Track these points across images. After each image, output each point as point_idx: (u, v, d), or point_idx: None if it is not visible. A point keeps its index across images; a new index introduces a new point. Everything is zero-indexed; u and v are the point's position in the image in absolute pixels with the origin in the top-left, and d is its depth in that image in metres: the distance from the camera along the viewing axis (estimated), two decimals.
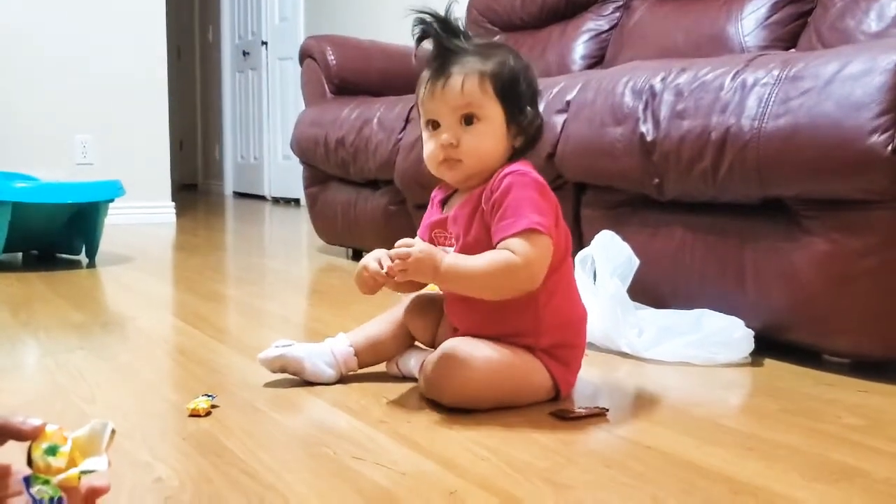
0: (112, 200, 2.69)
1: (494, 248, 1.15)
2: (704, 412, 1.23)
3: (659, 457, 1.03)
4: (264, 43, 6.16)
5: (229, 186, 6.85)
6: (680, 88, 1.61)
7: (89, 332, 1.73)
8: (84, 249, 2.74)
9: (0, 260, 2.54)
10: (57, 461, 0.68)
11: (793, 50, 2.05)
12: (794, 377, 1.42)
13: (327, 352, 1.33)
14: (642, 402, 1.32)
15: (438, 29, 1.19)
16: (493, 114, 1.18)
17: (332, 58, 2.91)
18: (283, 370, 1.32)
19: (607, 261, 1.55)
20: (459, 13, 1.26)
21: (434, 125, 1.21)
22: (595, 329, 1.55)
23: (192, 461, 1.00)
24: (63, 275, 2.51)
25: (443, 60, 1.19)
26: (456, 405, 1.16)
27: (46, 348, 1.60)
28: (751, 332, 1.48)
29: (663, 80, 1.65)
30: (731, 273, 1.56)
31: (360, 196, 2.80)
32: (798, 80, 1.41)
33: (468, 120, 1.18)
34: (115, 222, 3.03)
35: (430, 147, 1.21)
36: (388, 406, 1.22)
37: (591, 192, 1.88)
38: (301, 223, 4.41)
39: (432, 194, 1.32)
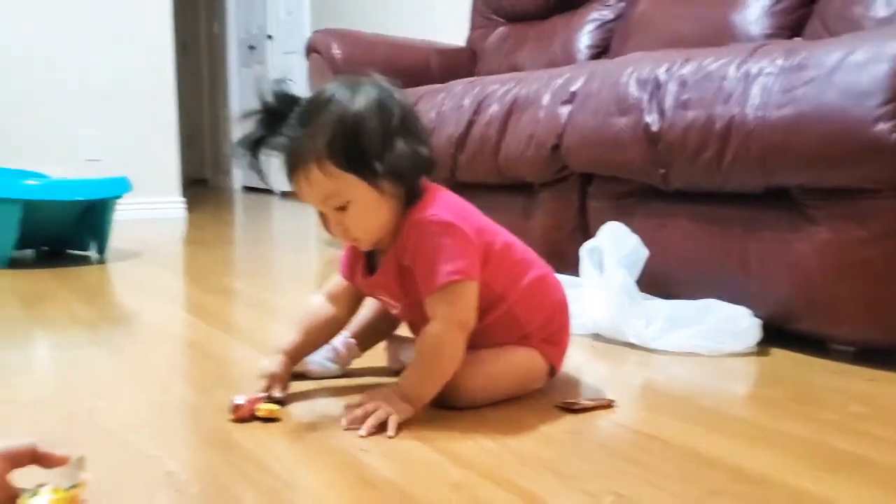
0: (120, 197, 2.70)
1: None
2: (711, 402, 1.23)
3: (665, 447, 1.04)
4: (270, 37, 6.16)
5: (238, 181, 6.87)
6: (684, 78, 1.61)
7: (99, 328, 1.75)
8: (94, 245, 2.75)
9: (12, 257, 2.56)
10: (43, 497, 0.72)
11: (798, 38, 2.04)
12: (800, 366, 1.42)
13: (329, 349, 1.33)
14: (649, 393, 1.33)
15: (265, 123, 1.12)
16: (355, 190, 1.09)
17: (338, 51, 2.91)
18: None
19: (614, 251, 1.55)
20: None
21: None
22: (602, 320, 1.55)
23: (202, 455, 1.01)
24: (73, 271, 2.53)
25: (284, 156, 1.12)
26: (458, 407, 1.16)
27: (57, 343, 1.62)
28: (758, 322, 1.49)
29: (668, 70, 1.65)
30: (736, 263, 1.56)
31: None
32: (802, 69, 1.41)
33: (340, 207, 1.11)
34: (125, 218, 3.05)
35: (329, 229, 1.17)
36: None
37: (597, 183, 1.89)
38: (309, 217, 4.42)
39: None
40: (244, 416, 1.11)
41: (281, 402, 1.17)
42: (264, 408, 1.12)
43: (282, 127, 1.11)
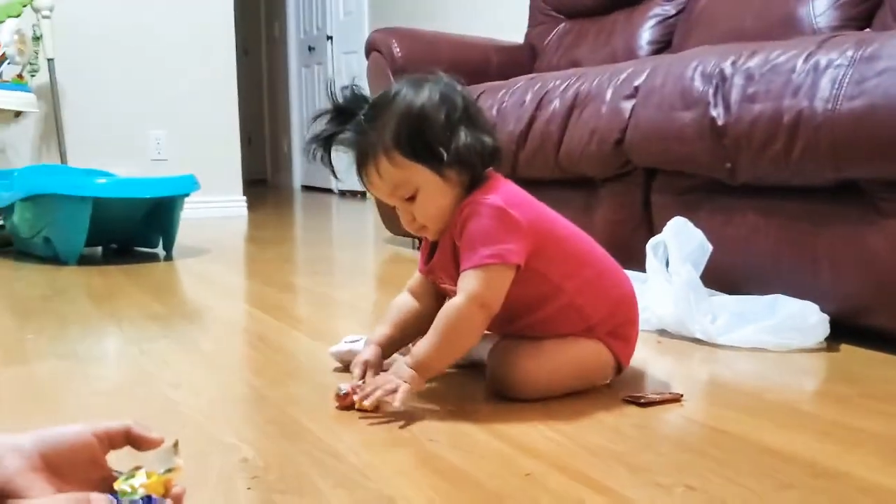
0: (188, 194, 2.77)
1: None
2: (780, 397, 1.22)
3: (735, 441, 1.03)
4: (329, 38, 6.24)
5: (297, 180, 6.97)
6: (751, 72, 1.59)
7: (170, 322, 1.80)
8: (161, 243, 2.82)
9: (82, 254, 2.64)
10: (138, 479, 0.73)
11: (868, 30, 2.00)
12: (872, 362, 1.40)
13: None
14: (717, 388, 1.32)
15: (336, 121, 1.17)
16: (422, 179, 1.14)
17: (398, 50, 2.94)
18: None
19: (679, 247, 1.54)
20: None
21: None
22: (668, 315, 1.54)
23: (276, 443, 1.04)
24: (142, 267, 2.60)
25: (354, 151, 1.17)
26: (523, 399, 1.17)
27: (130, 337, 1.67)
28: (826, 317, 1.46)
29: (733, 63, 1.64)
30: (805, 257, 1.54)
31: None
32: (874, 60, 1.38)
33: (409, 197, 1.17)
34: (189, 216, 3.12)
35: (401, 220, 1.21)
36: (460, 392, 1.24)
37: (662, 178, 1.87)
38: (367, 215, 4.47)
39: None
40: (349, 403, 1.14)
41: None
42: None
43: (351, 124, 1.16)
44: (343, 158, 1.20)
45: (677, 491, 0.87)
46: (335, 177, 1.22)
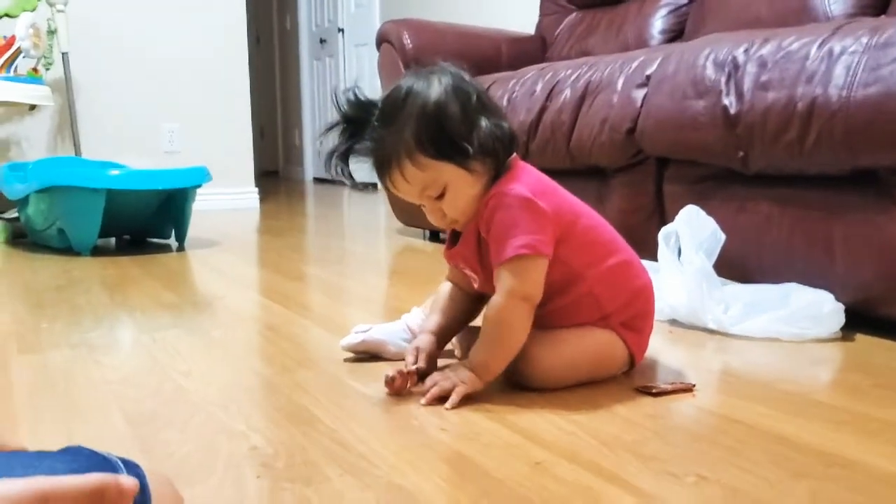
0: (200, 186, 2.77)
1: None
2: (794, 387, 1.21)
3: (748, 430, 1.02)
4: (341, 30, 6.24)
5: (309, 172, 6.98)
6: (764, 59, 1.57)
7: (182, 311, 1.80)
8: (174, 234, 2.83)
9: (95, 245, 2.65)
10: None
11: (883, 16, 1.97)
12: (888, 352, 1.38)
13: (404, 328, 1.35)
14: (730, 378, 1.31)
15: (349, 133, 1.14)
16: (448, 175, 1.12)
17: (409, 41, 2.93)
18: (365, 352, 1.34)
19: (692, 236, 1.53)
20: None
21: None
22: (680, 305, 1.53)
23: (286, 431, 1.04)
24: (154, 258, 2.61)
25: (374, 159, 1.15)
26: (536, 388, 1.16)
27: (143, 326, 1.67)
28: (841, 307, 1.45)
29: (746, 51, 1.62)
30: (819, 247, 1.52)
31: None
32: (889, 46, 1.37)
33: (437, 196, 1.15)
34: (201, 208, 3.13)
35: (428, 218, 1.20)
36: None
37: (674, 167, 1.86)
38: (379, 206, 4.47)
39: None
40: (399, 388, 1.15)
41: (423, 375, 1.19)
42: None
43: (366, 132, 1.14)
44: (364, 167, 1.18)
45: (689, 480, 0.87)
46: (355, 185, 1.21)
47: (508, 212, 1.12)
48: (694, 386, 1.18)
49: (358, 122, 1.14)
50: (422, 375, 1.19)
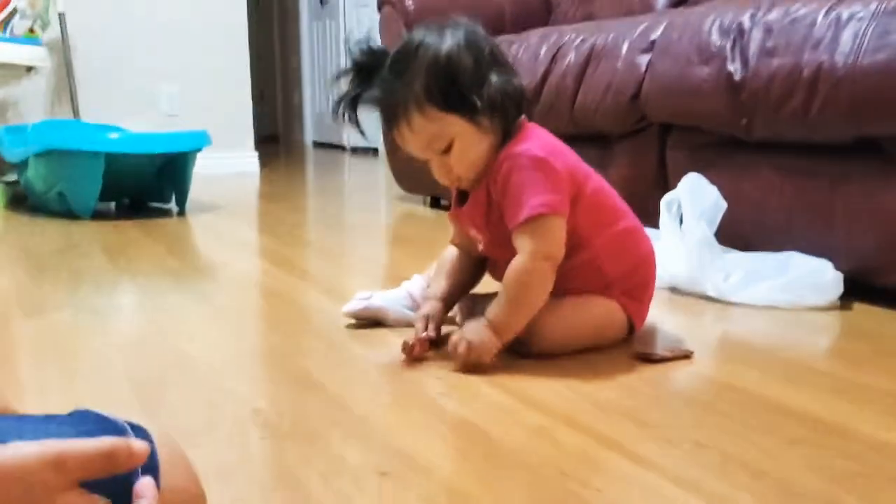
0: (200, 150, 2.76)
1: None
2: (792, 355, 1.22)
3: (745, 397, 1.03)
4: None
5: (309, 136, 6.95)
6: (769, 25, 1.56)
7: (184, 276, 1.80)
8: (174, 198, 2.83)
9: (95, 209, 2.65)
10: None
11: None
12: (886, 321, 1.39)
13: (405, 296, 1.35)
14: (728, 345, 1.32)
15: (359, 79, 1.14)
16: (457, 129, 1.12)
17: (411, 2, 2.90)
18: (367, 319, 1.35)
19: (694, 204, 1.53)
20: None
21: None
22: (681, 273, 1.54)
23: (289, 395, 1.05)
24: (155, 223, 2.61)
25: (381, 108, 1.15)
26: (536, 355, 1.17)
27: (145, 291, 1.68)
28: (840, 275, 1.45)
29: (752, 16, 1.60)
30: (820, 215, 1.52)
31: None
32: None
33: (444, 150, 1.14)
34: (201, 172, 3.11)
35: (434, 174, 1.20)
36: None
37: (677, 134, 1.85)
38: (379, 172, 4.45)
39: None
40: (417, 355, 1.16)
41: (435, 342, 1.20)
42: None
43: (376, 81, 1.13)
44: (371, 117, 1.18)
45: (686, 446, 0.88)
46: (363, 136, 1.20)
47: (523, 173, 1.12)
48: (692, 353, 1.19)
49: (369, 69, 1.14)
50: (431, 343, 1.20)
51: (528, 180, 1.11)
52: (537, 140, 1.16)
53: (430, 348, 1.19)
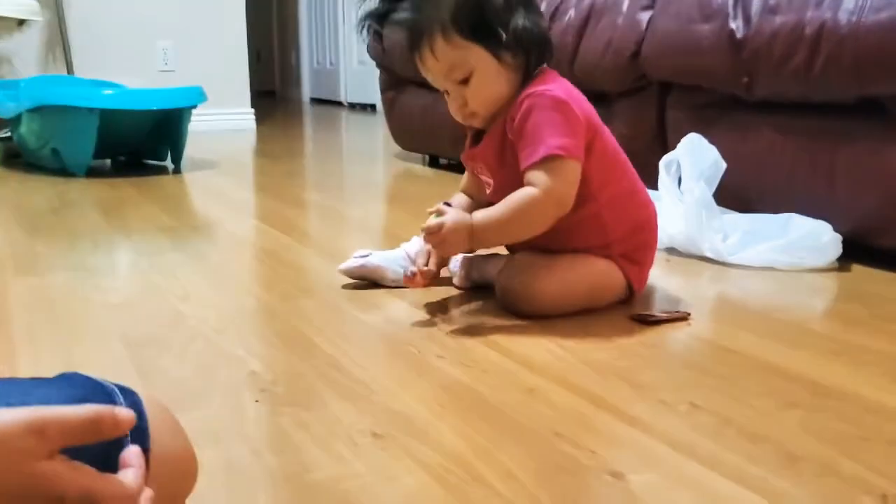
0: (195, 106, 2.73)
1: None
2: (789, 317, 1.21)
3: (742, 359, 1.03)
4: None
5: (306, 93, 6.88)
6: None
7: (180, 235, 1.79)
8: (169, 155, 2.80)
9: (90, 166, 2.63)
10: None
11: None
12: (884, 282, 1.39)
13: (403, 256, 1.35)
14: (725, 306, 1.31)
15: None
16: (478, 60, 1.13)
17: None
18: (363, 278, 1.34)
19: (693, 165, 1.51)
20: None
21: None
22: (679, 234, 1.53)
23: (284, 356, 1.04)
24: (151, 180, 2.59)
25: (405, 30, 1.15)
26: (532, 314, 1.17)
27: (140, 250, 1.67)
28: (839, 237, 1.44)
29: None
30: (821, 176, 1.51)
31: (438, 101, 2.77)
32: None
33: (462, 80, 1.15)
34: (197, 129, 3.09)
35: (449, 108, 1.20)
36: (468, 310, 1.24)
37: (677, 93, 1.83)
38: (377, 129, 4.42)
39: None
40: (419, 283, 1.21)
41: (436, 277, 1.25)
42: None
43: (406, 1, 1.15)
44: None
45: (681, 408, 0.88)
46: (384, 52, 1.21)
47: (544, 112, 1.11)
48: (689, 315, 1.18)
49: None
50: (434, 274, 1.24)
51: (548, 120, 1.11)
52: (558, 83, 1.16)
53: (431, 282, 1.22)
